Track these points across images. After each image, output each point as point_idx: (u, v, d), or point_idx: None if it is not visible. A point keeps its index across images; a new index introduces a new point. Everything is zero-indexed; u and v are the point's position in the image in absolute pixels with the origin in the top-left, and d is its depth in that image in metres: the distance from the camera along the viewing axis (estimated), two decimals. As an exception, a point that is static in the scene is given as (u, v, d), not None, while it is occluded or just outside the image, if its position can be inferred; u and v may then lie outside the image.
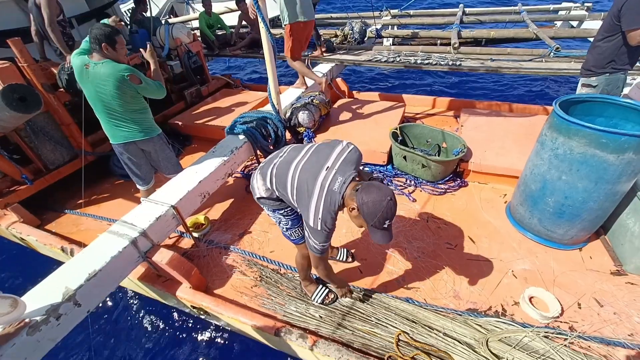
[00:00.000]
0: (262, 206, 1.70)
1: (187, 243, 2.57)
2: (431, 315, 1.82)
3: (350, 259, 2.21)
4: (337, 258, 2.21)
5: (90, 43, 2.05)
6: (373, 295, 1.96)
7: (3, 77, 2.59)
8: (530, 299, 1.85)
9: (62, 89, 3.04)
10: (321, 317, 1.88)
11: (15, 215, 2.78)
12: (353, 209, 1.27)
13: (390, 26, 5.96)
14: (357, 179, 1.39)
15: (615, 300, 1.83)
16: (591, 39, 4.32)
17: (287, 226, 1.67)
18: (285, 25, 3.29)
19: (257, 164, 3.26)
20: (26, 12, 3.93)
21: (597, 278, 1.97)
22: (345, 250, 2.24)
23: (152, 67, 2.33)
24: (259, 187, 1.60)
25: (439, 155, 2.98)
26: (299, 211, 1.50)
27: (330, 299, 1.94)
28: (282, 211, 1.63)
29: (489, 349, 1.60)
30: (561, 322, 1.75)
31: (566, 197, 1.94)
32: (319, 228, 1.34)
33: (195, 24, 6.21)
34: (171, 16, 7.32)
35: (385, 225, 1.25)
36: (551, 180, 1.98)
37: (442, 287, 2.01)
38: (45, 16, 3.05)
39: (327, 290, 1.96)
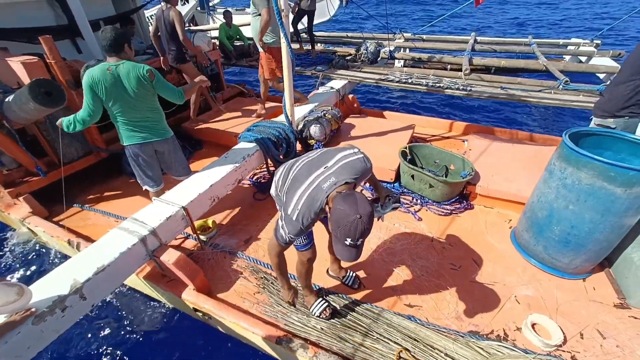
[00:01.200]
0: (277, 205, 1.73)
1: (192, 245, 2.59)
2: (433, 334, 1.81)
3: (356, 286, 2.15)
4: (344, 281, 2.17)
5: (109, 46, 2.07)
6: (375, 310, 1.96)
7: (31, 71, 2.69)
8: (533, 325, 1.85)
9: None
10: (322, 328, 1.87)
11: (26, 206, 2.82)
12: (329, 209, 1.24)
13: (403, 49, 6.14)
14: (351, 185, 1.32)
15: (618, 333, 1.82)
16: (600, 75, 4.45)
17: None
18: (267, 47, 3.58)
19: (266, 172, 3.31)
20: (56, 11, 4.12)
21: (600, 309, 1.97)
22: (354, 274, 2.19)
23: (191, 85, 2.45)
24: (272, 187, 1.67)
25: (446, 177, 3.02)
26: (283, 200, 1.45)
27: (328, 314, 1.92)
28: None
29: (490, 374, 1.59)
30: (563, 351, 1.74)
31: (572, 226, 1.97)
32: (294, 218, 1.31)
33: (215, 33, 6.43)
34: (192, 24, 7.56)
35: (347, 242, 1.16)
36: (558, 209, 2.01)
37: (445, 307, 2.01)
38: (179, 31, 3.56)
39: (326, 304, 1.96)
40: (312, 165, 1.40)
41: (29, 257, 3.20)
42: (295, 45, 6.06)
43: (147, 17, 7.01)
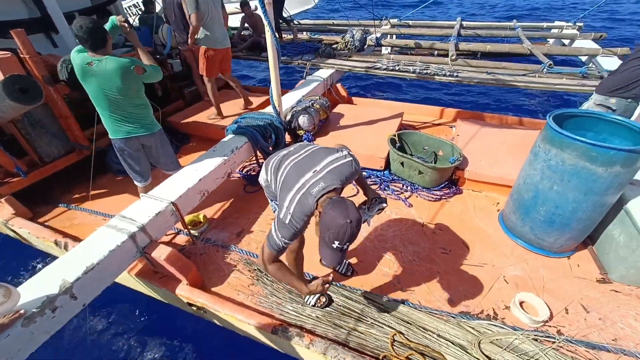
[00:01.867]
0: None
1: (183, 240, 2.57)
2: (425, 317, 1.86)
3: (350, 273, 2.18)
4: (338, 270, 2.19)
5: (87, 39, 1.96)
6: (368, 296, 2.00)
7: (4, 67, 2.57)
8: (521, 303, 1.91)
9: (62, 82, 3.02)
10: (317, 316, 1.90)
11: (8, 207, 2.74)
12: (319, 214, 1.27)
13: (389, 35, 6.09)
14: (339, 189, 1.36)
15: (601, 307, 1.90)
16: (582, 58, 4.52)
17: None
18: (200, 46, 3.58)
19: (256, 164, 3.28)
20: (28, 4, 3.92)
21: (584, 285, 2.04)
22: (347, 262, 2.21)
23: (139, 49, 2.32)
24: (261, 176, 1.69)
25: (435, 163, 3.05)
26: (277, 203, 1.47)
27: (322, 303, 1.95)
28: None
29: (481, 351, 1.64)
30: (550, 326, 1.81)
31: (557, 206, 2.02)
32: (287, 221, 1.32)
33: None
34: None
35: (334, 246, 1.18)
36: (543, 190, 2.06)
37: (437, 291, 2.06)
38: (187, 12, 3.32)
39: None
40: (301, 168, 1.40)
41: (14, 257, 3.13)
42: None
43: (125, 8, 6.76)
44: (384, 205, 1.68)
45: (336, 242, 1.17)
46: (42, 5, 3.79)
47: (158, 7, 7.19)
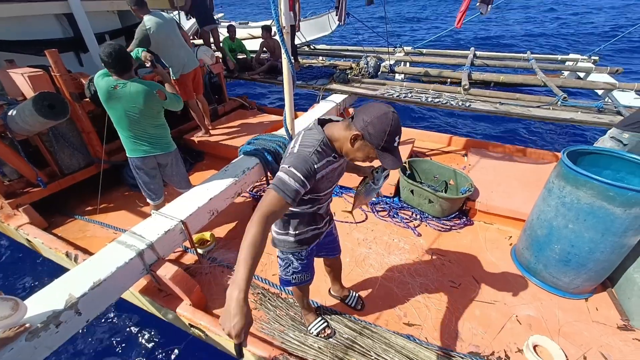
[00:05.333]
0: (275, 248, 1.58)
1: (189, 259, 2.57)
2: (432, 355, 1.78)
3: (359, 307, 2.10)
4: (347, 302, 2.12)
5: (114, 65, 2.07)
6: (373, 329, 1.93)
7: (36, 84, 2.73)
8: (535, 347, 1.81)
9: (87, 99, 3.18)
10: (320, 347, 1.84)
11: (25, 217, 2.82)
12: (355, 139, 1.10)
13: (403, 62, 6.22)
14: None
15: (623, 357, 1.78)
16: (598, 92, 4.49)
17: (297, 270, 1.59)
18: (174, 80, 3.59)
19: (266, 185, 3.31)
20: (63, 24, 4.21)
21: (604, 331, 1.93)
22: (356, 295, 2.15)
23: (165, 83, 2.47)
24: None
25: (446, 192, 3.02)
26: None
27: (326, 334, 1.89)
28: (297, 253, 1.56)
29: (491, 398, 1.55)
30: (566, 375, 1.71)
31: (572, 245, 1.95)
32: (296, 151, 1.13)
33: (218, 46, 6.53)
34: (195, 38, 7.70)
35: (396, 143, 1.11)
36: (558, 228, 1.99)
37: (444, 327, 1.98)
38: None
39: (325, 324, 1.93)
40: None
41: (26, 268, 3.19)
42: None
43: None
44: (387, 172, 1.53)
45: (397, 137, 1.10)
46: (76, 26, 4.06)
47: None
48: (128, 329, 2.68)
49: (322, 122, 1.25)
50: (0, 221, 2.89)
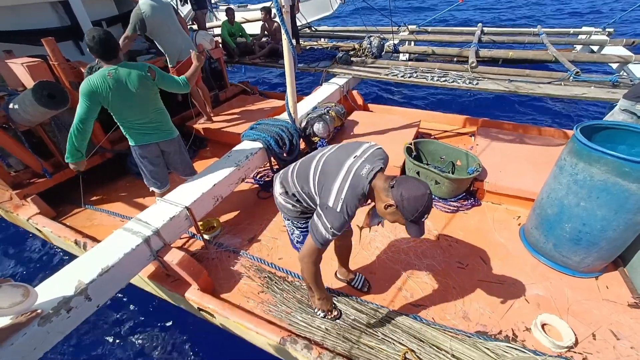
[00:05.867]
0: (280, 212, 1.70)
1: (196, 245, 2.59)
2: (439, 334, 1.78)
3: (365, 289, 2.10)
4: (353, 284, 2.12)
5: (99, 49, 1.99)
6: (380, 310, 1.94)
7: (34, 74, 2.71)
8: (543, 325, 1.80)
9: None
10: (327, 329, 1.86)
11: (34, 206, 2.86)
12: (389, 205, 1.23)
13: (407, 42, 6.03)
14: (384, 170, 1.35)
15: (633, 334, 1.76)
16: (612, 65, 4.30)
17: (299, 240, 1.67)
18: (171, 67, 3.46)
19: (270, 171, 3.29)
20: (59, 13, 4.13)
21: (614, 309, 1.90)
22: (362, 277, 2.14)
23: (192, 68, 2.37)
24: (275, 190, 1.64)
25: (453, 173, 2.96)
26: (316, 200, 1.41)
27: (333, 315, 1.89)
28: (297, 223, 1.64)
29: (498, 376, 1.55)
30: (575, 352, 1.69)
31: (584, 224, 1.90)
32: (339, 209, 1.26)
33: (218, 31, 6.40)
34: (194, 23, 7.55)
35: (423, 219, 1.24)
36: (569, 206, 1.94)
37: (451, 307, 1.97)
38: None
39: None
40: (339, 158, 1.37)
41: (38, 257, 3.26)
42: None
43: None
44: None
45: (425, 215, 1.22)
46: (73, 15, 3.98)
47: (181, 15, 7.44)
48: (138, 313, 2.75)
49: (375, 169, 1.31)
50: (10, 211, 2.94)
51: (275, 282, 2.19)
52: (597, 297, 1.98)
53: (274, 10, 5.02)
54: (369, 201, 1.40)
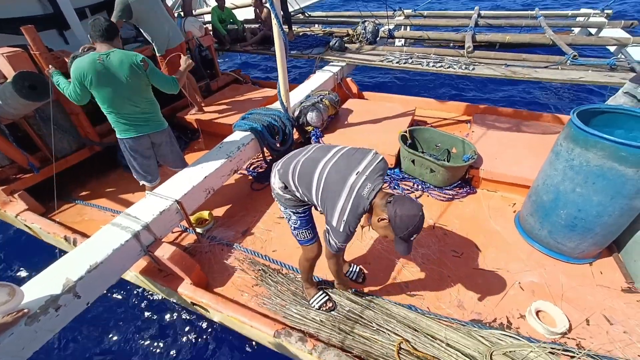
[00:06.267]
0: (276, 200, 1.70)
1: (190, 238, 2.56)
2: (434, 324, 1.78)
3: (360, 280, 2.09)
4: (348, 275, 2.11)
5: (98, 35, 1.98)
6: (375, 301, 1.93)
7: (15, 64, 2.60)
8: (537, 312, 1.80)
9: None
10: (322, 320, 1.85)
11: (22, 202, 2.79)
12: (382, 219, 1.30)
13: (403, 26, 5.88)
14: (383, 186, 1.41)
15: (626, 319, 1.77)
16: (610, 48, 4.23)
17: (296, 225, 1.65)
18: (159, 56, 3.37)
19: (263, 161, 3.24)
20: (42, 1, 3.97)
21: (608, 295, 1.91)
22: (357, 268, 2.14)
23: (182, 68, 2.33)
24: (274, 183, 1.61)
25: (448, 161, 2.92)
26: (319, 209, 1.50)
27: (328, 307, 1.89)
28: (294, 210, 1.62)
29: (492, 363, 1.55)
30: (569, 338, 1.70)
31: (579, 210, 1.88)
32: (342, 230, 1.36)
33: (208, 18, 6.20)
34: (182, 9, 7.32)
35: (412, 238, 1.30)
36: (564, 192, 1.92)
37: (446, 296, 1.97)
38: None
39: (327, 297, 1.93)
40: (342, 172, 1.39)
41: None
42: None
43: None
44: None
45: (414, 235, 1.29)
46: (55, 2, 3.82)
47: (170, 1, 7.19)
48: (132, 309, 2.73)
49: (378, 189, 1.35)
50: (-3, 208, 2.87)
51: (270, 275, 2.17)
52: (591, 283, 1.98)
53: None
54: None
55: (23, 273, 3.18)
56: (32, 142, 3.00)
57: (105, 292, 1.84)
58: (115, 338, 2.53)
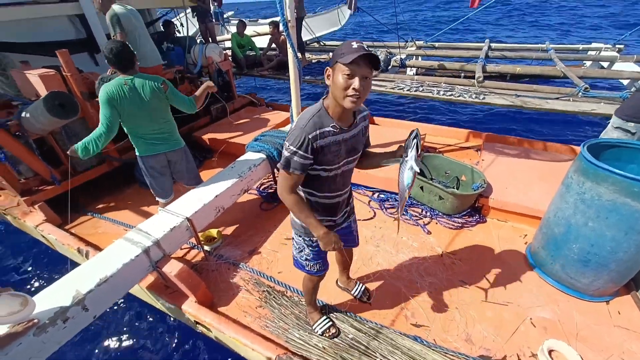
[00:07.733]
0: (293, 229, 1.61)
1: (197, 256, 2.58)
2: (440, 358, 1.72)
3: (365, 299, 2.06)
4: (352, 293, 2.09)
5: (117, 60, 2.08)
6: (379, 330, 1.88)
7: (48, 84, 2.79)
8: (550, 352, 1.72)
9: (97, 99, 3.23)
10: (324, 347, 1.81)
11: (40, 213, 2.90)
12: (327, 73, 1.21)
13: (414, 57, 6.06)
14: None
15: (647, 364, 1.67)
16: (623, 81, 4.24)
17: (308, 257, 1.61)
18: None
19: (273, 182, 3.29)
20: (76, 25, 4.30)
21: (626, 336, 1.81)
22: (363, 286, 2.10)
23: (199, 91, 2.44)
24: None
25: (457, 188, 2.91)
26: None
27: (331, 333, 1.85)
28: (310, 237, 1.54)
29: (502, 404, 1.48)
30: (584, 382, 1.61)
31: (592, 245, 1.84)
32: (295, 127, 1.23)
33: (228, 44, 6.56)
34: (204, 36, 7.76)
35: (355, 46, 1.09)
36: (576, 226, 1.88)
37: (454, 328, 1.91)
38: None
39: (331, 323, 1.90)
40: None
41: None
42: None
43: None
44: (414, 132, 1.39)
45: (353, 43, 1.11)
46: (88, 27, 4.14)
47: (193, 28, 7.66)
48: (138, 325, 2.73)
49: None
50: (17, 218, 2.99)
51: (274, 297, 2.16)
52: (608, 323, 1.89)
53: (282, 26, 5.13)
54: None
55: (37, 283, 3.24)
56: (56, 155, 3.15)
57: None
58: (114, 352, 2.52)
